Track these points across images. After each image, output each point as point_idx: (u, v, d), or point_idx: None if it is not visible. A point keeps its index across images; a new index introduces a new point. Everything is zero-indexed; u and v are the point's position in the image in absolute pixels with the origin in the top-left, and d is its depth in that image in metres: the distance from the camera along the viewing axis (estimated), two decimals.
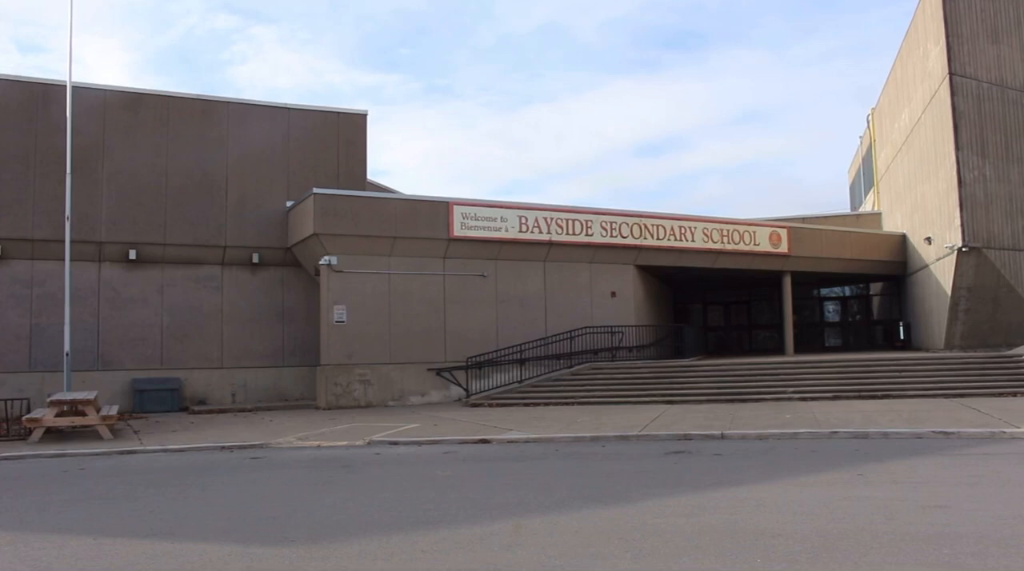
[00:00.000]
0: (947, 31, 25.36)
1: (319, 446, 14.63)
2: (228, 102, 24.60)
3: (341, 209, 22.52)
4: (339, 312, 22.40)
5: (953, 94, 25.19)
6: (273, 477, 11.31)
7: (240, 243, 23.89)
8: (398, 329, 23.03)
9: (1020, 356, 22.21)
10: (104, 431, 16.15)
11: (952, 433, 13.19)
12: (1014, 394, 19.03)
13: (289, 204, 24.17)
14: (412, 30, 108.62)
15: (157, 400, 22.31)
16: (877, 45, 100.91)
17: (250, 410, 22.42)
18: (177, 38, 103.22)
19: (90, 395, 16.88)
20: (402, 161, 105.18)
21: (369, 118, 26.21)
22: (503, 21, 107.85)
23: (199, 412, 22.00)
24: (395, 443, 14.66)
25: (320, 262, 22.44)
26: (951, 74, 25.24)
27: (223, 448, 14.60)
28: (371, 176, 26.78)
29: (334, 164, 25.22)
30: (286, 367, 24.54)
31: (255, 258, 24.05)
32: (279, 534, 7.42)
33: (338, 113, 25.77)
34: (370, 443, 14.71)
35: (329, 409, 21.79)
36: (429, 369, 23.10)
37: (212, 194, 23.72)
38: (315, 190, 22.44)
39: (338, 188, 23.81)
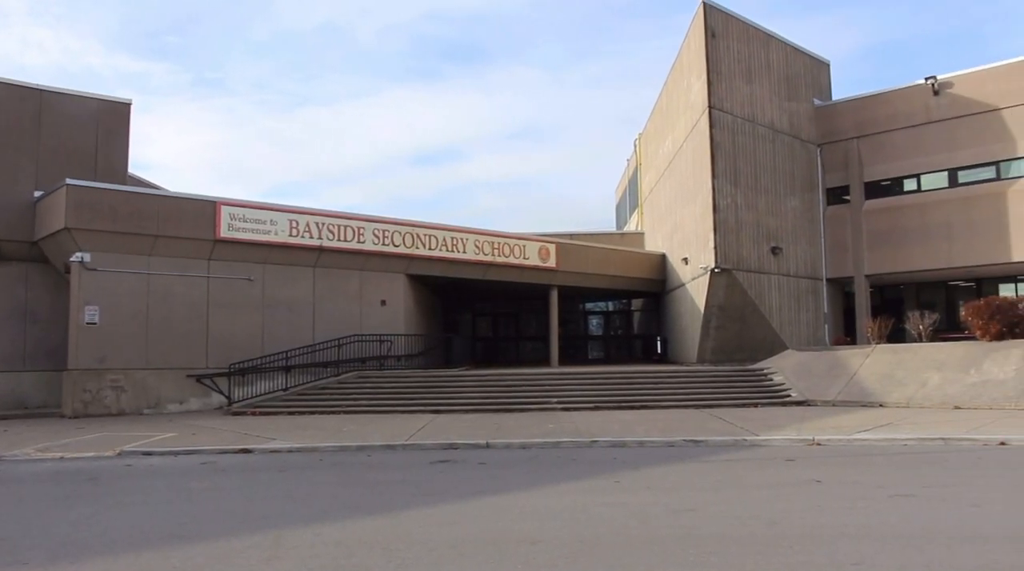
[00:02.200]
0: (708, 68, 27.24)
1: (62, 458, 13.57)
2: None
3: (97, 203, 21.12)
4: (91, 313, 20.96)
5: (712, 126, 27.06)
6: (6, 493, 10.37)
7: None
8: (157, 333, 21.86)
9: (761, 370, 24.06)
10: None
11: (701, 441, 14.08)
12: (755, 405, 20.59)
13: (38, 194, 22.39)
14: (182, 17, 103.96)
15: None
16: (646, 74, 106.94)
17: None
18: None
19: None
20: (167, 156, 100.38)
21: (133, 108, 24.78)
22: (281, 17, 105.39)
23: None
24: (149, 453, 13.86)
25: (71, 259, 20.92)
26: (710, 107, 27.10)
27: None
28: (133, 170, 25.36)
29: (91, 155, 23.62)
30: (27, 372, 22.70)
31: None
32: (10, 557, 6.77)
33: (98, 100, 24.17)
34: (121, 454, 13.81)
35: (76, 417, 20.32)
36: (189, 375, 22.04)
37: None
38: (68, 181, 20.92)
39: (96, 180, 22.30)
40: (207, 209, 22.58)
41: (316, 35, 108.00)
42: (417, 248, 26.49)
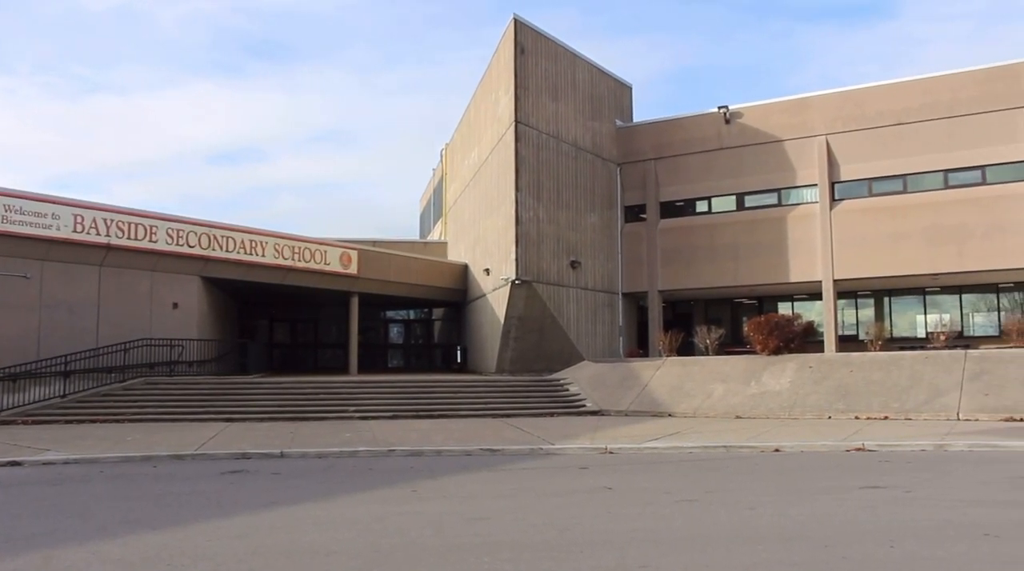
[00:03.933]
0: (516, 83, 27.72)
1: None
2: None
3: None
4: None
5: (517, 140, 27.55)
6: None
7: None
8: None
9: (558, 380, 24.68)
10: None
11: (498, 450, 14.25)
12: (551, 414, 21.06)
13: None
14: None
15: None
16: (456, 84, 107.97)
17: None
18: None
19: None
20: None
21: None
22: None
23: None
24: None
25: None
26: (517, 122, 27.58)
27: None
28: None
29: None
30: None
31: None
32: None
33: None
34: None
35: None
36: None
37: None
38: None
39: None
40: None
41: (112, 17, 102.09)
42: (213, 250, 25.45)
